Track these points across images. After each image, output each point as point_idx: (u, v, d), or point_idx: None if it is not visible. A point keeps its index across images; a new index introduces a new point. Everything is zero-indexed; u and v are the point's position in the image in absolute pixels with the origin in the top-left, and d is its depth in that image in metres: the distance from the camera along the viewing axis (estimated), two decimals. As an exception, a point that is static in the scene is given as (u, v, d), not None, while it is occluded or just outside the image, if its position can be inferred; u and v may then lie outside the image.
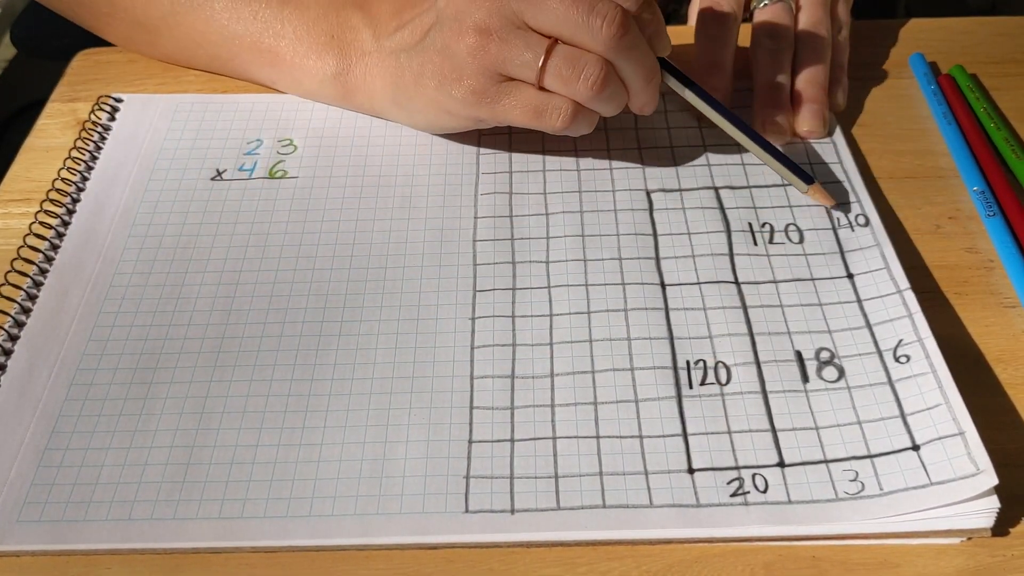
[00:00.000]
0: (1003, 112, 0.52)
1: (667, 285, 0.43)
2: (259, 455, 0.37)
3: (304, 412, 0.39)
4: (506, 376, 0.40)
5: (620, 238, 0.45)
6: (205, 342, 0.41)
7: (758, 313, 0.42)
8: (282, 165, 0.50)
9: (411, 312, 0.42)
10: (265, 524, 0.35)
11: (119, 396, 0.39)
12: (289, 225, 0.47)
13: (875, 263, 0.43)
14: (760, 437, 0.38)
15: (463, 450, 0.37)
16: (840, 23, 0.54)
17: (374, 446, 0.38)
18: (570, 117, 0.43)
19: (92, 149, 0.50)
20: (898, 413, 0.38)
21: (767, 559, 0.35)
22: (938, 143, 0.51)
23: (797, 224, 0.46)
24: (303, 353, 0.41)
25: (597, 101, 0.43)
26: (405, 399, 0.39)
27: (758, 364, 0.40)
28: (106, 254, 0.45)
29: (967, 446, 0.36)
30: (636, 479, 0.36)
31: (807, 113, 0.50)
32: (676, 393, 0.39)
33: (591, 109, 0.44)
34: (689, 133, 0.51)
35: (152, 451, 0.38)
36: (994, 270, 0.44)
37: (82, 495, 0.36)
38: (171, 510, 0.36)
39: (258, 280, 0.44)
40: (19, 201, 0.49)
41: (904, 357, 0.40)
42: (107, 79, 0.55)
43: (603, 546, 0.35)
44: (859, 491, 0.36)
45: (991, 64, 0.56)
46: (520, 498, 0.36)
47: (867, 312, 0.42)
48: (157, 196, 0.48)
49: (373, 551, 0.35)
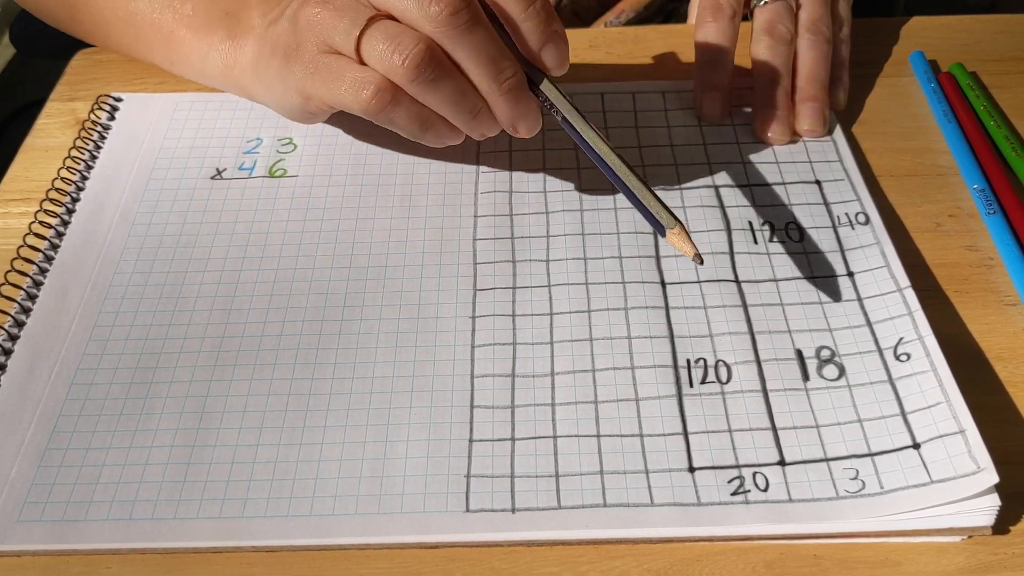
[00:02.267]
0: (1003, 110, 0.52)
1: (667, 284, 0.43)
2: (260, 454, 0.37)
3: (304, 411, 0.39)
4: (507, 375, 0.40)
5: (620, 236, 0.45)
6: (205, 341, 0.41)
7: (758, 311, 0.42)
8: (282, 164, 0.50)
9: (411, 311, 0.42)
10: (266, 524, 0.35)
11: (119, 396, 0.39)
12: (289, 224, 0.47)
13: (875, 261, 0.43)
14: (761, 436, 0.38)
15: (464, 449, 0.37)
16: (841, 21, 0.54)
17: (375, 445, 0.38)
18: (381, 96, 0.39)
19: (92, 148, 0.50)
20: (898, 411, 0.38)
21: (768, 557, 0.35)
22: (938, 141, 0.51)
23: (797, 222, 0.46)
24: (303, 352, 0.41)
25: (419, 86, 0.39)
26: (405, 398, 0.39)
27: (758, 362, 0.40)
28: (106, 254, 0.45)
29: (967, 444, 0.36)
30: (637, 478, 0.36)
31: (807, 111, 0.50)
32: (677, 392, 0.39)
33: (416, 99, 0.40)
34: (689, 132, 0.51)
35: (153, 451, 0.38)
36: (994, 268, 0.44)
37: (83, 495, 0.36)
38: (172, 510, 0.36)
39: (258, 279, 0.44)
40: (19, 201, 0.49)
41: (904, 355, 0.40)
42: (106, 78, 0.55)
43: (604, 545, 0.35)
44: (860, 489, 0.36)
45: (991, 62, 0.56)
46: (521, 497, 0.36)
47: (867, 310, 0.42)
48: (157, 195, 0.48)
49: (374, 550, 0.35)
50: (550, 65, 0.41)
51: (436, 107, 0.41)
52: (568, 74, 0.42)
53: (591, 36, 0.59)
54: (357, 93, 0.40)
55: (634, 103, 0.53)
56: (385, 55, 0.39)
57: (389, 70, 0.39)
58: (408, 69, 0.39)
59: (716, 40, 0.51)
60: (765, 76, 0.51)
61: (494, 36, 0.40)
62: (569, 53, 0.42)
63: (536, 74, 0.42)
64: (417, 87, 0.39)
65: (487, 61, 0.40)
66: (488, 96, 0.41)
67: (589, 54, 0.57)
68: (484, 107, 0.41)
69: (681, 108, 0.52)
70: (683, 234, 0.38)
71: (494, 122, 0.42)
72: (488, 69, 0.40)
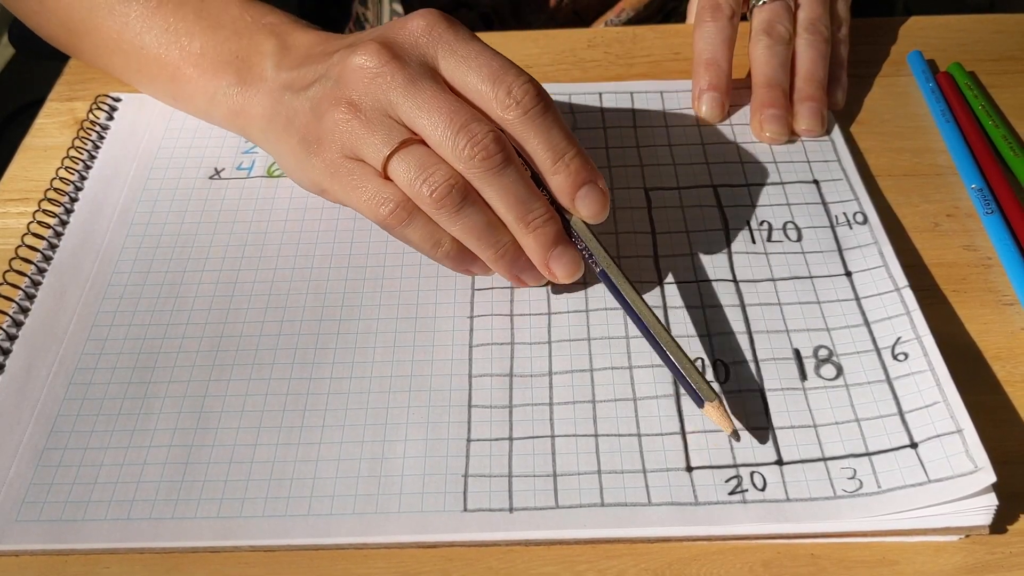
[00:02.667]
0: (1001, 110, 0.52)
1: (665, 283, 0.43)
2: (257, 454, 0.37)
3: (302, 411, 0.39)
4: (504, 375, 0.40)
5: (619, 236, 0.45)
6: (203, 341, 0.41)
7: (756, 311, 0.42)
8: (280, 164, 0.50)
9: (409, 311, 0.42)
10: (264, 523, 0.35)
11: (118, 395, 0.39)
12: (287, 224, 0.47)
13: (873, 261, 0.43)
14: (758, 435, 0.38)
15: (461, 449, 0.37)
16: (839, 20, 0.54)
17: (372, 445, 0.38)
18: (399, 215, 0.40)
19: (90, 148, 0.50)
20: (896, 411, 0.38)
21: (765, 557, 0.35)
22: (936, 141, 0.51)
23: (795, 222, 0.46)
24: (301, 352, 0.41)
25: (444, 215, 0.39)
26: (403, 398, 0.39)
27: (756, 362, 0.40)
28: (104, 253, 0.45)
29: (965, 443, 0.36)
30: (634, 477, 0.36)
31: (806, 111, 0.50)
32: (674, 391, 0.39)
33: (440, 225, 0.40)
34: (687, 131, 0.51)
35: (151, 450, 0.38)
36: (992, 268, 0.44)
37: (81, 494, 0.36)
38: (170, 509, 0.36)
39: (256, 279, 0.44)
40: (17, 200, 0.49)
41: (902, 355, 0.40)
42: (105, 78, 0.55)
43: (601, 544, 0.35)
44: (857, 489, 0.36)
45: (989, 62, 0.56)
46: (518, 496, 0.36)
47: (865, 310, 0.42)
48: (155, 195, 0.48)
49: (372, 550, 0.35)
50: (584, 216, 0.41)
51: (460, 237, 0.40)
52: (567, 73, 0.41)
53: (590, 35, 0.59)
54: (377, 208, 0.40)
55: (633, 102, 0.53)
56: (415, 182, 0.39)
57: (416, 196, 0.39)
58: (435, 200, 0.39)
59: (715, 40, 0.52)
60: (763, 76, 0.51)
61: (525, 178, 0.40)
62: (608, 203, 0.40)
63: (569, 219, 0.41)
64: (441, 216, 0.40)
65: (515, 202, 0.39)
66: (517, 236, 0.40)
67: (588, 53, 0.57)
68: (512, 245, 0.41)
69: (680, 108, 0.52)
70: (720, 408, 0.37)
71: (528, 263, 0.41)
72: (516, 210, 0.40)
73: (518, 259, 0.41)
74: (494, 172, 0.39)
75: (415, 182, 0.39)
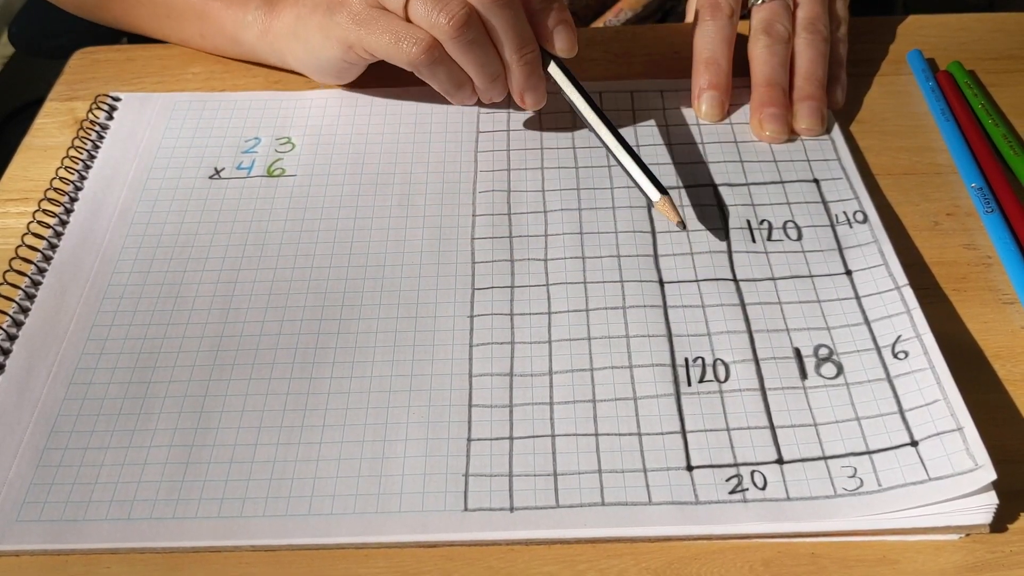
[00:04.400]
0: (1001, 108, 0.52)
1: (665, 283, 0.43)
2: (258, 454, 0.37)
3: (303, 411, 0.39)
4: (505, 374, 0.40)
5: (618, 235, 0.45)
6: (204, 341, 0.41)
7: (756, 310, 0.42)
8: (280, 163, 0.50)
9: (409, 310, 0.42)
10: (264, 523, 0.35)
11: (118, 395, 0.39)
12: (287, 224, 0.47)
13: (873, 259, 0.43)
14: (759, 434, 0.38)
15: (462, 448, 0.37)
16: (838, 19, 0.54)
17: (373, 444, 0.38)
18: (425, 49, 0.45)
19: (90, 148, 0.50)
20: (896, 409, 0.38)
21: (766, 556, 0.35)
22: (936, 140, 0.51)
23: (795, 221, 0.46)
24: (301, 352, 0.41)
25: (458, 45, 0.45)
26: (404, 397, 0.39)
27: (756, 361, 0.40)
28: (104, 253, 0.45)
29: (965, 442, 0.36)
30: (635, 476, 0.36)
31: (805, 110, 0.50)
32: (675, 390, 0.39)
33: (454, 59, 0.46)
34: (687, 130, 0.51)
35: (151, 450, 0.38)
36: (992, 266, 0.44)
37: (81, 494, 0.36)
38: (170, 509, 0.36)
39: (256, 279, 0.44)
40: (17, 200, 0.49)
41: (902, 353, 0.40)
42: (105, 78, 0.55)
43: (602, 543, 0.35)
44: (857, 487, 0.36)
45: (989, 60, 0.56)
46: (519, 496, 0.36)
47: (865, 308, 0.42)
48: (155, 195, 0.48)
49: (372, 549, 0.35)
50: (559, 47, 0.47)
51: (466, 67, 0.46)
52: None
53: (589, 35, 0.59)
54: (404, 47, 0.45)
55: (632, 102, 0.53)
56: (432, 13, 0.44)
57: (433, 27, 0.44)
58: (452, 28, 0.44)
59: (714, 39, 0.51)
60: (763, 75, 0.51)
61: (523, 17, 0.46)
62: (577, 41, 0.48)
63: (547, 57, 0.48)
64: (455, 45, 0.45)
65: (515, 35, 0.46)
66: (509, 65, 0.47)
67: (587, 53, 0.57)
68: (502, 75, 0.47)
69: (679, 107, 0.52)
70: (670, 202, 0.44)
71: (505, 89, 0.48)
72: (515, 41, 0.46)
73: (502, 85, 0.48)
74: (502, 4, 0.45)
75: (433, 13, 0.44)
